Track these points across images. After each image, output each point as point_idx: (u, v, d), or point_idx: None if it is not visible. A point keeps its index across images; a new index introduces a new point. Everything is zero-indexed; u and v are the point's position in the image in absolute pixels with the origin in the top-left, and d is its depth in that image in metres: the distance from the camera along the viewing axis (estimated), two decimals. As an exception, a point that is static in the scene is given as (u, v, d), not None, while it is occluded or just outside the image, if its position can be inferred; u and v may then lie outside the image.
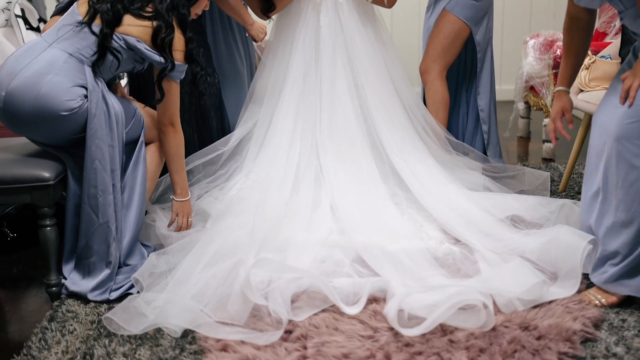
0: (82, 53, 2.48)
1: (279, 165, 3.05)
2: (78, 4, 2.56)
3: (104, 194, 2.49)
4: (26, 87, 2.40)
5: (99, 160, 2.47)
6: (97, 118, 2.46)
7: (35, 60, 2.44)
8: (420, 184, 3.05)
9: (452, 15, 3.30)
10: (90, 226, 2.50)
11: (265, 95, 3.24)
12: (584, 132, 3.33)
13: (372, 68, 3.21)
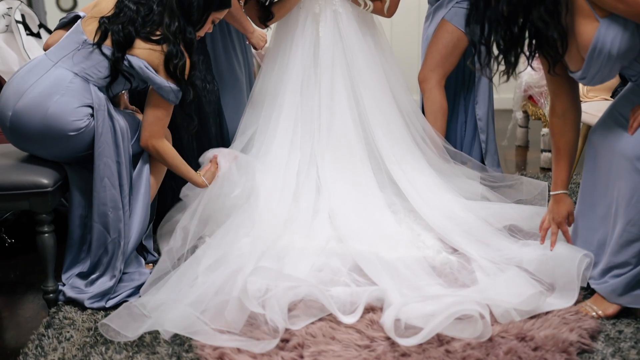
0: (87, 72, 2.48)
1: (279, 173, 3.05)
2: (83, 21, 2.56)
3: (115, 211, 2.51)
4: (33, 107, 2.42)
5: (107, 177, 2.49)
6: (103, 136, 2.47)
7: (41, 80, 2.45)
8: (417, 193, 3.06)
9: (451, 25, 3.31)
10: (102, 244, 2.53)
11: (265, 103, 3.24)
12: (583, 142, 3.34)
13: (371, 77, 3.21)
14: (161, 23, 2.50)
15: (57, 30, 2.71)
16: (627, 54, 2.08)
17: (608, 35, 2.04)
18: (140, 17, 2.49)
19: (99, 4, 2.59)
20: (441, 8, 3.38)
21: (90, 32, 2.51)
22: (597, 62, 2.09)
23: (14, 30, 3.55)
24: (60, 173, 2.52)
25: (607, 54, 2.06)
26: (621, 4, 1.98)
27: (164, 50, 2.50)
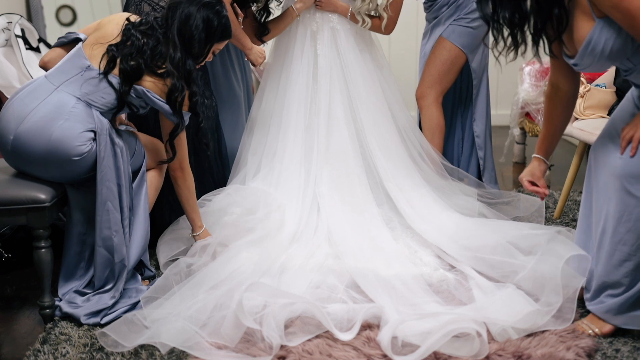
0: (90, 98, 2.50)
1: (291, 195, 3.08)
2: (84, 45, 2.57)
3: (118, 234, 2.52)
4: (37, 132, 2.43)
5: (110, 201, 2.50)
6: (105, 160, 2.49)
7: (43, 104, 2.45)
8: (413, 210, 3.06)
9: (449, 42, 3.33)
10: (106, 267, 2.53)
11: (269, 123, 3.26)
12: (579, 159, 3.35)
13: (368, 94, 3.23)
14: (167, 56, 2.52)
15: (54, 48, 2.71)
16: (618, 55, 2.10)
17: (602, 36, 2.06)
18: (148, 48, 2.51)
19: (102, 27, 2.60)
20: (439, 25, 3.39)
21: (93, 56, 2.52)
22: (589, 57, 2.12)
23: (13, 45, 3.56)
24: (57, 189, 2.52)
25: (599, 52, 2.09)
26: (617, 12, 1.99)
27: (167, 84, 2.53)
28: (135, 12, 3.00)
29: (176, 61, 2.52)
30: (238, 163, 3.29)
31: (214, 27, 2.60)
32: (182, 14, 2.55)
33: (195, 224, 2.85)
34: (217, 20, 2.60)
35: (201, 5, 2.57)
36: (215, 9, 2.60)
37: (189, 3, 2.57)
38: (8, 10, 4.04)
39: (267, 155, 3.24)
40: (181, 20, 2.55)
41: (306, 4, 3.23)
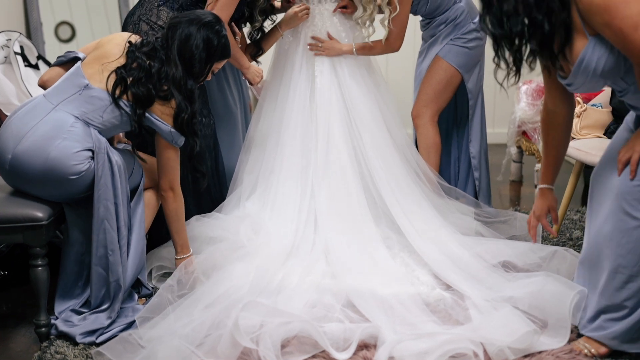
0: (89, 117, 2.51)
1: (286, 213, 3.08)
2: (83, 64, 2.58)
3: (114, 253, 2.51)
4: (35, 151, 2.43)
5: (107, 220, 2.50)
6: (103, 179, 2.49)
7: (41, 123, 2.46)
8: (412, 228, 3.06)
9: (445, 61, 3.34)
10: (102, 286, 2.53)
11: (267, 142, 3.26)
12: (576, 178, 3.36)
13: (366, 110, 3.24)
14: (170, 77, 2.54)
15: (53, 67, 2.72)
16: (611, 73, 2.11)
17: (595, 54, 2.07)
18: (155, 71, 2.52)
19: (101, 46, 2.61)
20: (435, 44, 3.41)
21: (92, 75, 2.53)
22: (582, 76, 2.12)
23: (12, 62, 3.58)
24: (54, 207, 2.52)
25: (591, 71, 2.09)
26: (609, 30, 2.00)
27: (172, 105, 2.55)
28: (134, 30, 3.02)
29: (178, 81, 2.54)
30: (235, 182, 3.30)
31: (214, 47, 2.61)
32: (182, 34, 2.57)
33: (178, 246, 2.78)
34: (217, 40, 2.61)
35: (201, 25, 2.59)
36: (215, 29, 2.61)
37: (189, 23, 2.59)
38: (7, 27, 4.06)
39: (263, 173, 3.24)
40: (181, 40, 2.57)
41: (290, 25, 3.26)
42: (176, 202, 2.71)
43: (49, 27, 4.82)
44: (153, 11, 3.05)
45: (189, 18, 2.61)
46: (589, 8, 2.01)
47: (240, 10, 3.11)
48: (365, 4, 3.15)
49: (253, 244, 2.92)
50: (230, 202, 3.23)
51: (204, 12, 2.72)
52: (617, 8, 1.96)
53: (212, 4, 2.96)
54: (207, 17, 2.64)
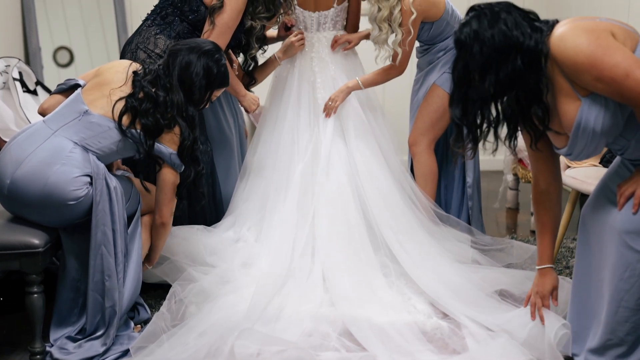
0: (87, 142, 2.52)
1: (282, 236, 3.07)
2: (83, 90, 2.60)
3: (110, 279, 2.51)
4: (33, 176, 2.44)
5: (104, 245, 2.50)
6: (101, 205, 2.49)
7: (40, 148, 2.47)
8: (408, 256, 3.06)
9: (442, 89, 3.37)
10: (97, 312, 2.52)
11: (266, 167, 3.27)
12: (572, 207, 3.37)
13: (363, 138, 3.26)
14: (173, 104, 2.56)
15: (53, 95, 2.74)
16: (611, 131, 2.11)
17: (591, 114, 2.07)
18: (162, 100, 2.54)
19: (101, 74, 2.63)
20: (433, 72, 3.43)
21: (92, 102, 2.54)
22: (582, 139, 2.12)
23: (11, 88, 3.59)
24: (51, 234, 2.52)
25: (591, 131, 2.09)
26: (600, 84, 2.01)
27: (176, 132, 2.57)
28: (131, 58, 3.04)
29: (180, 108, 2.55)
30: (230, 208, 3.30)
31: (214, 75, 2.64)
32: (182, 62, 2.59)
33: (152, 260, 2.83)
34: (216, 68, 2.64)
35: (201, 54, 2.61)
36: (214, 57, 2.64)
37: (189, 51, 2.61)
38: (7, 53, 4.08)
39: (261, 199, 3.25)
40: (182, 67, 2.59)
41: (288, 54, 3.30)
42: (165, 234, 2.76)
43: (48, 52, 4.84)
44: (150, 39, 3.07)
45: (189, 46, 2.64)
46: (575, 68, 2.02)
47: (237, 37, 3.14)
48: (380, 23, 3.19)
49: (245, 277, 2.91)
50: (225, 222, 3.23)
51: (204, 40, 2.75)
52: (603, 61, 1.98)
53: (208, 32, 2.99)
54: (207, 45, 2.66)
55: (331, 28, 3.35)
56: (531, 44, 2.08)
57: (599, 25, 2.07)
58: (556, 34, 2.08)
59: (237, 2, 2.99)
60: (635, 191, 2.14)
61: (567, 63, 2.04)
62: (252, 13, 3.09)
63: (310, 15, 3.32)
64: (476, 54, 2.11)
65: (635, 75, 1.96)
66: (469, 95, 2.16)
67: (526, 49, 2.08)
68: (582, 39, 2.02)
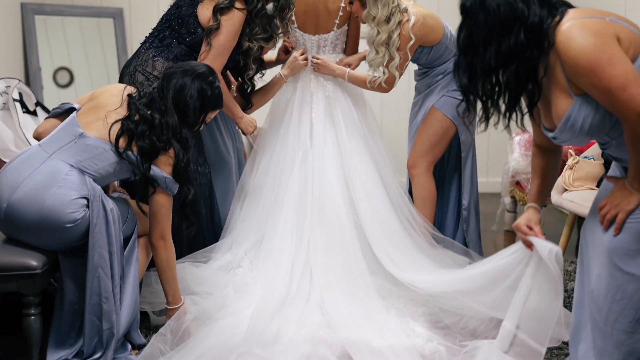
0: (84, 165, 2.52)
1: (281, 260, 3.07)
2: (78, 114, 2.61)
3: (108, 301, 2.50)
4: (30, 200, 2.44)
5: (101, 267, 2.49)
6: (98, 227, 2.49)
7: (36, 172, 2.47)
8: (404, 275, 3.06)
9: (441, 113, 3.38)
10: (95, 334, 2.51)
11: (263, 188, 3.28)
12: (569, 230, 3.38)
13: (360, 161, 3.28)
14: (168, 127, 2.57)
15: (48, 119, 2.74)
16: (597, 130, 2.11)
17: (580, 113, 2.07)
18: (157, 123, 2.55)
19: (96, 97, 2.65)
20: (431, 95, 3.45)
21: (87, 124, 2.55)
22: (569, 133, 2.13)
23: (10, 109, 3.61)
24: (49, 255, 2.51)
25: (578, 128, 2.09)
26: (596, 90, 2.01)
27: (171, 155, 2.58)
28: (130, 81, 3.06)
29: (174, 130, 2.56)
30: (227, 228, 3.30)
31: (207, 97, 2.66)
32: (176, 84, 2.61)
33: (169, 295, 2.72)
34: (210, 90, 2.66)
35: (195, 76, 2.63)
36: (208, 80, 2.66)
37: (183, 74, 2.63)
38: (7, 74, 4.10)
39: (259, 221, 3.25)
40: (176, 90, 2.61)
41: (293, 71, 3.32)
42: (167, 252, 2.67)
43: (48, 72, 4.87)
44: (149, 62, 3.09)
45: (183, 69, 2.66)
46: (575, 70, 2.02)
47: (235, 59, 3.16)
48: (377, 47, 3.21)
49: (241, 301, 2.91)
50: (222, 245, 3.23)
51: (198, 63, 2.77)
52: (604, 69, 1.97)
53: (204, 54, 3.01)
54: (200, 68, 2.69)
55: (331, 51, 3.38)
56: (535, 20, 2.06)
57: (607, 28, 2.05)
58: (564, 27, 2.06)
59: (234, 24, 3.01)
60: (610, 212, 2.13)
61: (568, 62, 2.03)
62: (249, 34, 3.11)
63: (310, 38, 3.35)
64: (480, 23, 2.10)
65: (631, 91, 1.96)
66: (474, 63, 2.13)
67: (530, 25, 2.06)
68: (589, 41, 2.00)
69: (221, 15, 2.98)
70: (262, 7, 3.07)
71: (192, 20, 3.06)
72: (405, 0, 3.28)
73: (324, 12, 3.32)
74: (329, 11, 3.31)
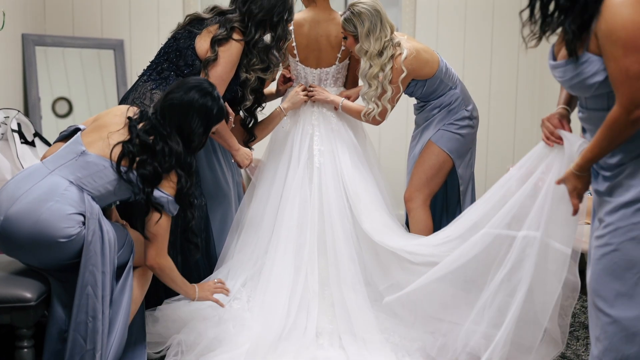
0: (82, 182, 2.52)
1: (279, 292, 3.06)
2: (82, 134, 2.62)
3: (94, 321, 2.46)
4: (26, 213, 2.43)
5: (91, 286, 2.46)
6: (92, 245, 2.47)
7: (35, 186, 2.47)
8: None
9: (437, 146, 3.40)
10: (76, 353, 2.46)
11: (262, 219, 3.27)
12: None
13: (365, 191, 3.27)
14: (172, 152, 2.58)
15: (56, 143, 2.76)
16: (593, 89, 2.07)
17: (591, 68, 2.04)
18: (159, 149, 2.56)
19: (100, 118, 2.67)
20: (428, 129, 3.47)
21: (90, 143, 2.56)
22: (572, 79, 2.10)
23: (9, 139, 3.62)
24: (44, 286, 2.49)
25: (581, 79, 2.06)
26: (614, 64, 1.97)
27: (172, 179, 2.59)
28: None
29: (177, 157, 2.58)
30: (223, 258, 3.29)
31: (212, 117, 2.68)
32: (179, 109, 2.61)
33: (188, 293, 2.81)
34: (216, 108, 2.67)
35: (198, 97, 2.63)
36: (212, 96, 2.67)
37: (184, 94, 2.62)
38: (7, 104, 4.12)
39: (257, 253, 3.24)
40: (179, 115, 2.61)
41: (295, 105, 3.34)
42: (167, 269, 2.70)
43: (47, 102, 4.88)
44: (146, 94, 3.10)
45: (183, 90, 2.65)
46: (608, 35, 1.97)
47: (233, 90, 3.18)
48: (370, 80, 3.24)
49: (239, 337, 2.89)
50: (218, 275, 3.21)
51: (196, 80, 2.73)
52: (634, 52, 1.93)
53: None
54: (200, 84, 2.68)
55: (332, 84, 3.41)
56: None
57: None
58: None
59: (232, 55, 3.04)
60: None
61: (607, 26, 1.97)
62: (246, 65, 3.13)
63: (312, 71, 3.38)
64: None
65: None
66: None
67: None
68: (636, 19, 1.95)
69: (219, 46, 3.01)
70: (259, 38, 3.10)
71: (190, 52, 3.08)
72: (399, 34, 3.32)
73: (326, 46, 3.35)
74: (332, 45, 3.35)
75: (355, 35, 3.24)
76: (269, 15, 3.11)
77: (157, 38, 4.78)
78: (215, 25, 3.07)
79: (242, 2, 3.11)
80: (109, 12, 5.00)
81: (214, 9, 3.16)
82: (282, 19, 3.15)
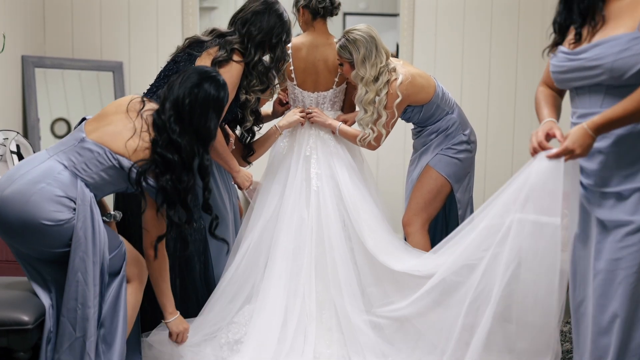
0: (76, 167, 2.52)
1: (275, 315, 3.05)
2: (86, 122, 2.65)
3: (83, 307, 2.45)
4: (19, 194, 2.43)
5: (81, 272, 2.45)
6: (82, 231, 2.46)
7: (33, 169, 2.49)
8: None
9: (435, 171, 3.41)
10: (65, 340, 2.44)
11: (260, 243, 3.27)
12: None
13: (364, 208, 3.27)
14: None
15: None
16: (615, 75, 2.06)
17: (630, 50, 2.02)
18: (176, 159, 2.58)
19: (104, 109, 2.70)
20: (426, 153, 3.48)
21: (90, 132, 2.57)
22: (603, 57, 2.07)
23: (7, 160, 3.63)
24: (42, 308, 2.48)
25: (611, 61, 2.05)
26: None
27: None
28: None
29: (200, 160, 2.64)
30: (222, 282, 3.28)
31: (222, 106, 2.70)
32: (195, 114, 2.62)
33: (166, 310, 2.79)
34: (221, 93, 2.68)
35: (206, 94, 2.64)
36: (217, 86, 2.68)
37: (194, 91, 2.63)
38: (6, 125, 4.14)
39: (254, 276, 3.23)
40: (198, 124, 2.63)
41: (290, 124, 3.35)
42: (160, 259, 2.71)
43: (46, 123, 4.89)
44: None
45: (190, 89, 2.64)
46: None
47: (233, 111, 3.19)
48: (366, 105, 3.25)
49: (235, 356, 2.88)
50: (218, 301, 3.20)
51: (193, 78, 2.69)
52: None
53: None
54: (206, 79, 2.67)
55: (329, 108, 3.42)
56: None
57: None
58: None
59: (232, 77, 3.05)
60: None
61: None
62: (246, 87, 3.15)
63: (309, 95, 3.40)
64: None
65: None
66: None
67: None
68: None
69: (219, 68, 3.02)
70: (259, 59, 3.12)
71: (190, 75, 3.09)
72: (395, 59, 3.34)
73: (323, 70, 3.37)
74: (329, 69, 3.37)
75: (351, 62, 3.26)
76: (268, 37, 3.13)
77: (156, 60, 4.80)
78: (215, 48, 3.08)
79: (241, 24, 3.13)
80: (108, 34, 5.03)
81: (213, 31, 3.18)
82: (281, 40, 3.18)
